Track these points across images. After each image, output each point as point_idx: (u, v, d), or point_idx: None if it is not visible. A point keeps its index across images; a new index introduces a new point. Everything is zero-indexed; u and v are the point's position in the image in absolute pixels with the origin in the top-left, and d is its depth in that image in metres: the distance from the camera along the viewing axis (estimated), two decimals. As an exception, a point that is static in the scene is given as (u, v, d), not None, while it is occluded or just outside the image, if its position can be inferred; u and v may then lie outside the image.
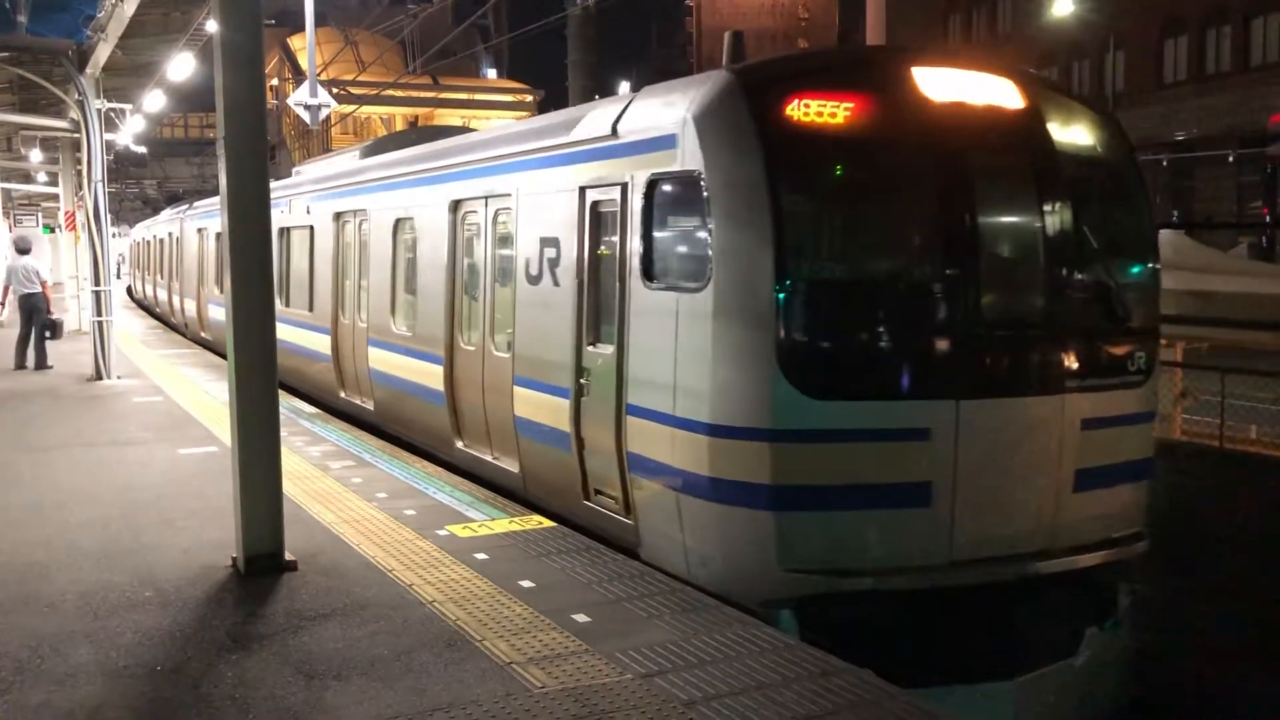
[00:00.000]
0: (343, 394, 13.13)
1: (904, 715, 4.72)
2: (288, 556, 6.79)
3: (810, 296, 6.37)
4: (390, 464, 9.98)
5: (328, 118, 27.40)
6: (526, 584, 6.47)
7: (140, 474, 9.55)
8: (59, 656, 5.36)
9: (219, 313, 19.34)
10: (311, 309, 14.11)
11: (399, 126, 45.60)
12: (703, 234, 6.47)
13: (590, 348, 7.61)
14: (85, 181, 16.48)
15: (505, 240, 9.02)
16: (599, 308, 7.60)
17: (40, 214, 41.60)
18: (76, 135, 17.52)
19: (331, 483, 9.17)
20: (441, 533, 7.59)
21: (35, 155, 26.56)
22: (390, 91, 37.67)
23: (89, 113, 16.25)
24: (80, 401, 14.16)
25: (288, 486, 7.34)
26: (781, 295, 6.14)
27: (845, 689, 4.98)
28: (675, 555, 6.71)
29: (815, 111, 6.29)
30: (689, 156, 6.50)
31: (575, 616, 5.91)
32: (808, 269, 6.40)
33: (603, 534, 7.46)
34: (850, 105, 6.35)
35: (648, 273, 6.89)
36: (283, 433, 6.99)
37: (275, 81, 47.60)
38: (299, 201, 14.99)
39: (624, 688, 4.99)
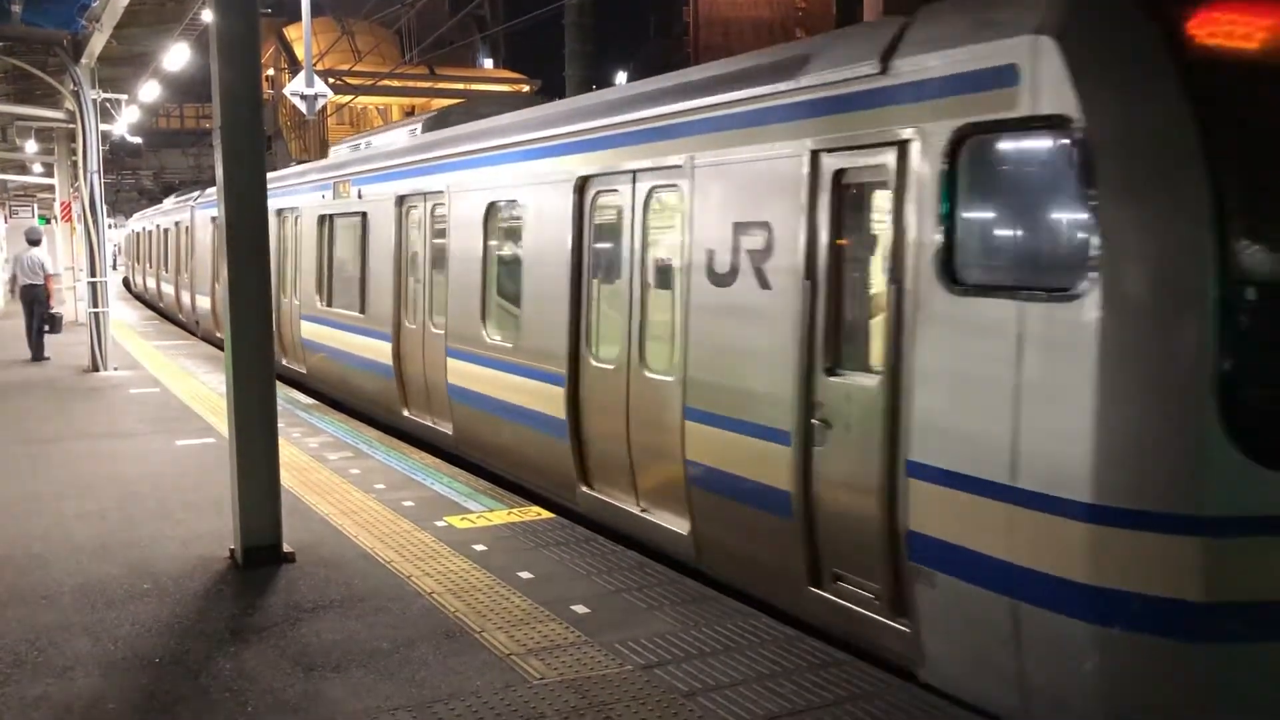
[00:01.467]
0: (407, 412, 11.19)
1: (904, 706, 4.71)
2: (286, 548, 6.78)
3: (1271, 310, 4.36)
4: (388, 455, 9.96)
5: (324, 108, 27.32)
6: (525, 575, 6.46)
7: (138, 466, 9.53)
8: (57, 649, 5.34)
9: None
10: (364, 310, 12.28)
11: (395, 117, 45.46)
12: (1071, 213, 4.50)
13: (832, 377, 5.53)
14: (81, 172, 16.45)
15: (668, 228, 7.17)
16: (844, 320, 5.60)
17: (36, 205, 41.50)
18: (72, 126, 17.50)
19: (329, 474, 9.16)
20: (440, 524, 7.58)
21: (30, 146, 26.46)
22: (387, 82, 37.53)
23: (84, 103, 16.20)
24: (77, 393, 14.13)
25: (286, 478, 7.32)
26: (1225, 308, 4.13)
27: (845, 680, 4.97)
28: (997, 687, 4.69)
29: (1245, 32, 4.40)
30: (1046, 96, 4.46)
31: (574, 607, 5.90)
32: (1265, 267, 4.39)
33: (839, 634, 5.56)
34: None
35: (951, 272, 4.82)
36: (280, 424, 6.98)
37: (271, 71, 47.43)
38: (348, 184, 13.00)
39: (624, 679, 4.98)
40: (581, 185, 7.82)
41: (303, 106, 22.03)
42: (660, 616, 5.78)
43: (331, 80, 29.35)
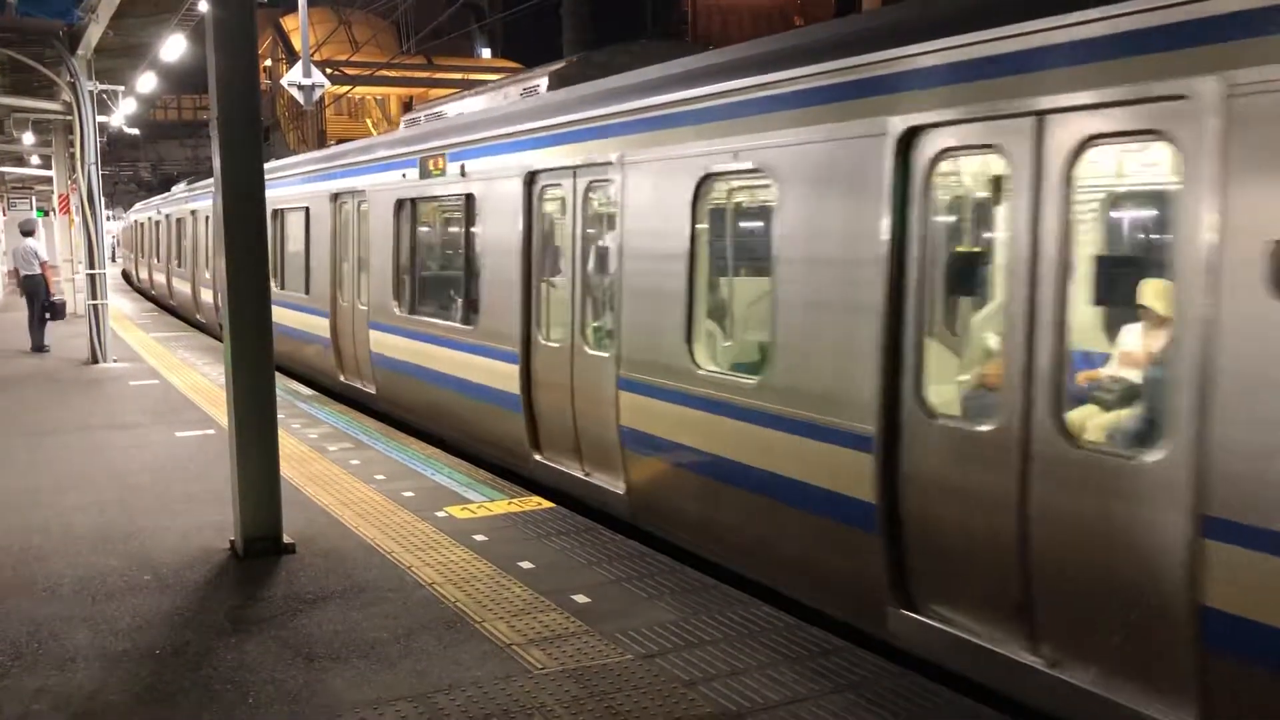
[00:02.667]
0: (540, 457, 8.56)
1: (904, 693, 4.71)
2: (286, 539, 6.78)
3: None
4: (388, 446, 9.96)
5: (322, 99, 27.26)
6: (526, 565, 6.45)
7: (137, 457, 9.52)
8: (57, 641, 5.34)
9: (284, 317, 13.61)
10: (473, 320, 9.56)
11: (394, 107, 45.37)
12: None
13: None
14: (79, 164, 16.40)
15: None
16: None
17: (34, 197, 41.43)
18: (69, 118, 17.46)
19: (329, 465, 9.15)
20: (440, 514, 7.57)
21: (28, 138, 26.39)
22: (384, 72, 37.43)
23: (81, 95, 16.15)
24: (76, 385, 14.12)
25: (285, 469, 7.32)
26: None
27: (845, 668, 4.97)
28: None
29: None
30: None
31: (575, 597, 5.90)
32: None
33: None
34: None
35: None
36: (280, 415, 6.97)
37: (269, 62, 47.31)
38: (442, 159, 10.21)
39: (625, 668, 4.98)
40: (910, 141, 5.08)
41: (300, 97, 21.97)
42: (661, 606, 5.78)
43: (329, 71, 29.28)
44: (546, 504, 7.84)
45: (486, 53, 54.27)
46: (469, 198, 9.68)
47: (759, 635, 5.37)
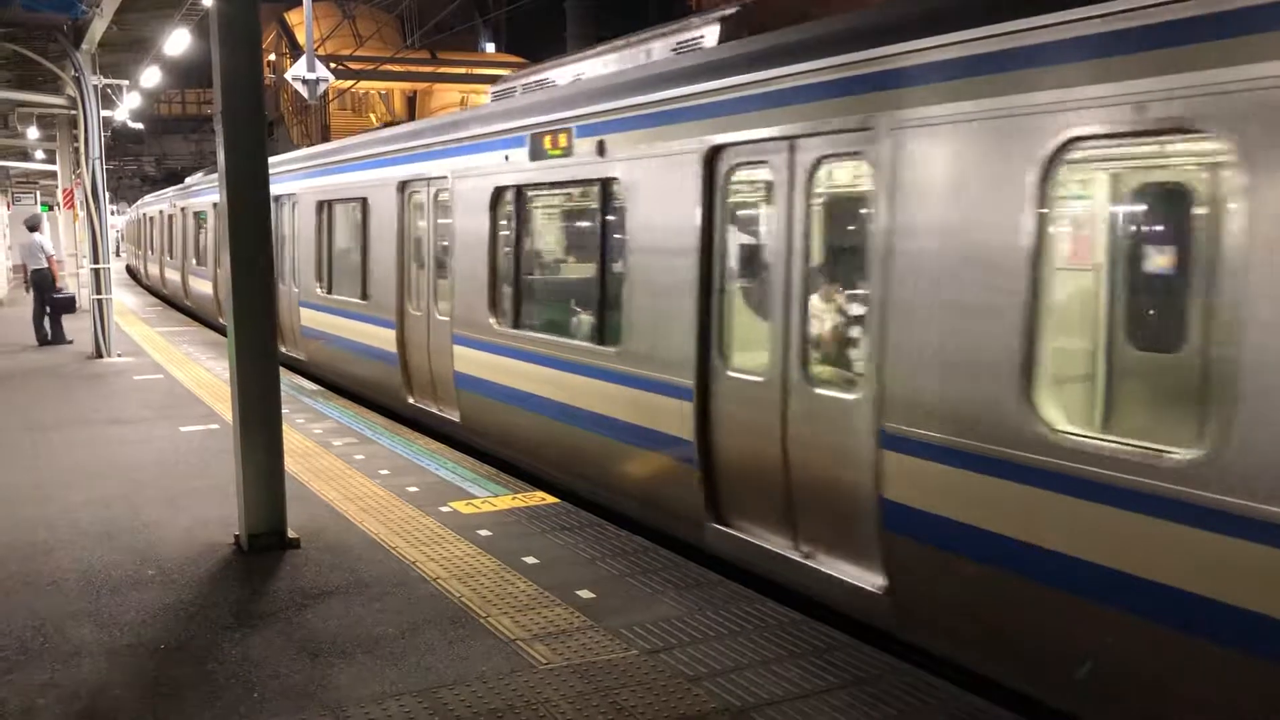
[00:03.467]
0: (723, 527, 6.66)
1: (907, 690, 4.71)
2: (290, 534, 6.79)
3: None
4: (392, 441, 9.96)
5: (326, 93, 27.24)
6: (530, 560, 6.45)
7: (142, 452, 9.53)
8: (62, 636, 5.35)
9: (321, 321, 13.61)
10: (614, 339, 7.60)
11: (397, 102, 45.38)
12: None
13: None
14: (83, 159, 16.40)
15: None
16: None
17: (39, 192, 41.45)
18: (73, 112, 17.43)
19: (334, 460, 9.16)
20: (444, 509, 7.58)
21: (32, 133, 26.40)
22: (389, 66, 37.42)
23: (85, 89, 16.14)
24: (81, 379, 14.14)
25: (290, 464, 7.32)
26: None
27: (849, 664, 4.98)
28: None
29: None
30: None
31: (579, 592, 5.90)
32: None
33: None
34: None
35: None
36: (284, 410, 6.98)
37: (273, 57, 47.30)
38: (565, 135, 8.13)
39: (629, 663, 4.98)
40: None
41: (304, 91, 21.95)
42: (665, 601, 5.78)
43: (333, 65, 29.28)
44: (550, 499, 7.84)
45: (490, 47, 54.22)
46: (607, 183, 7.70)
47: (763, 631, 5.37)
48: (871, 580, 5.51)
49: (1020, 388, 4.61)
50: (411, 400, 11.10)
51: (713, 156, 6.60)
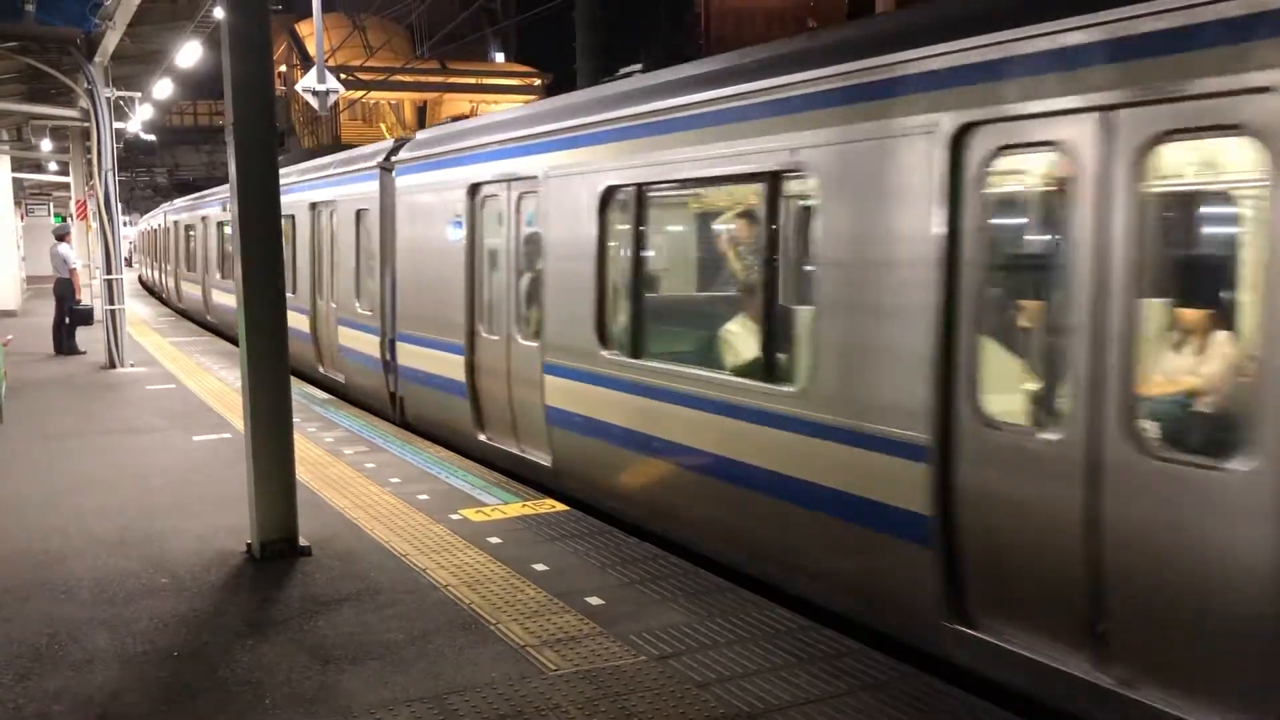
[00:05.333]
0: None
1: (917, 695, 4.72)
2: (302, 542, 6.82)
3: None
4: (403, 449, 10.00)
5: (336, 104, 27.37)
6: (540, 567, 6.48)
7: (155, 461, 9.59)
8: (76, 643, 5.39)
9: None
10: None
11: (408, 112, 45.57)
12: None
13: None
14: (96, 170, 16.52)
15: None
16: None
17: (52, 203, 41.71)
18: (86, 124, 17.58)
19: (344, 468, 9.20)
20: (455, 517, 7.60)
21: (46, 145, 26.60)
22: (399, 77, 37.58)
23: (98, 101, 16.27)
24: (94, 389, 14.23)
25: (301, 473, 7.36)
26: None
27: (859, 670, 4.98)
28: None
29: None
30: None
31: (589, 599, 5.92)
32: None
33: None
34: None
35: None
36: (296, 419, 7.01)
37: (283, 68, 47.54)
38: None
39: (638, 670, 5.00)
40: None
41: (315, 103, 22.07)
42: (674, 608, 5.79)
43: (343, 76, 29.41)
44: (560, 506, 7.86)
45: (500, 57, 54.38)
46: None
47: (772, 637, 5.38)
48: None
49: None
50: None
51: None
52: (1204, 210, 4.98)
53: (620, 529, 7.34)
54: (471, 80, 46.96)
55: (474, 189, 9.76)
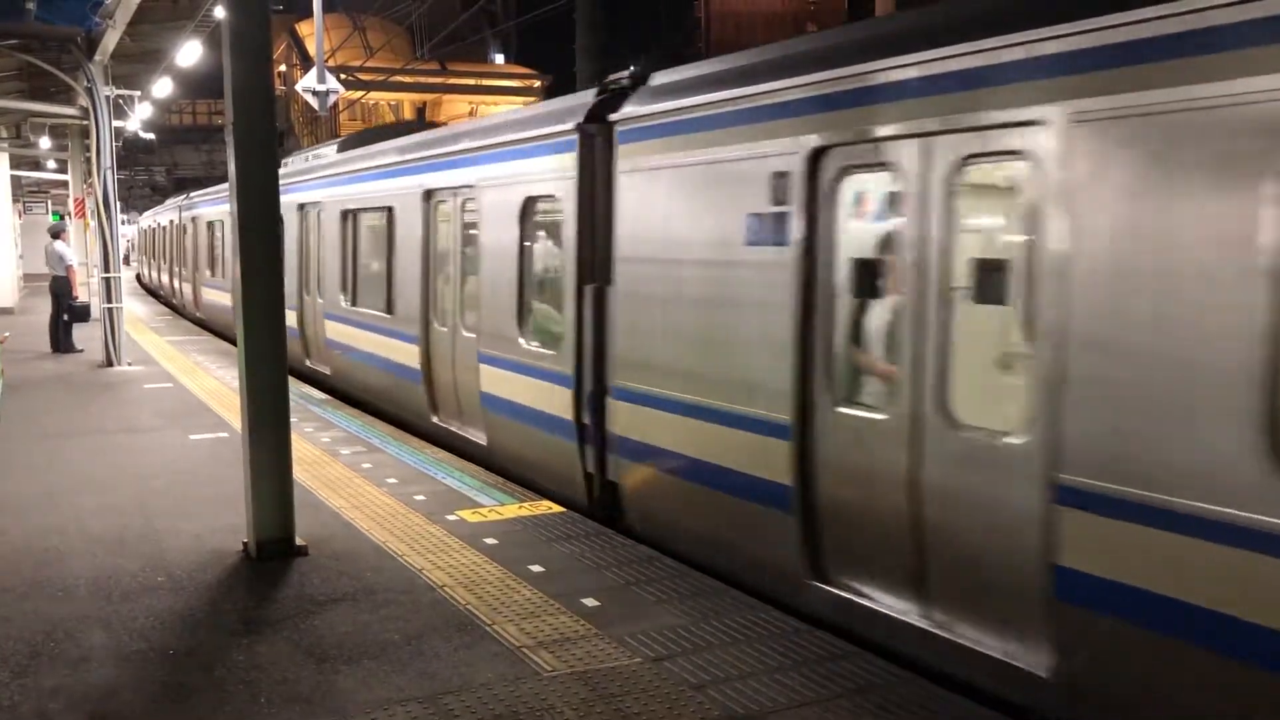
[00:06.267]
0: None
1: (911, 699, 4.73)
2: (298, 541, 6.83)
3: None
4: (400, 449, 10.01)
5: (336, 104, 27.39)
6: (536, 568, 6.49)
7: (152, 460, 9.60)
8: (72, 641, 5.40)
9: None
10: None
11: (407, 112, 45.60)
12: None
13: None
14: (94, 168, 16.53)
15: None
16: None
17: (50, 201, 41.70)
18: (85, 122, 17.59)
19: (341, 468, 9.21)
20: (451, 518, 7.62)
21: (44, 142, 26.61)
22: (399, 78, 37.61)
23: (98, 100, 16.28)
24: (92, 388, 14.23)
25: (298, 472, 7.37)
26: None
27: (853, 673, 5.00)
28: None
29: None
30: None
31: (585, 600, 5.93)
32: None
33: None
34: None
35: None
36: (293, 419, 7.02)
37: (283, 68, 47.56)
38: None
39: (634, 671, 5.01)
40: None
41: (315, 103, 22.08)
42: (670, 609, 5.81)
43: (343, 76, 29.42)
44: (557, 508, 7.88)
45: (500, 58, 54.41)
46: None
47: (767, 640, 5.39)
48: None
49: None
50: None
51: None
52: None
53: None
54: (471, 81, 47.04)
55: (817, 156, 5.80)
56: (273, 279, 6.71)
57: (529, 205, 8.84)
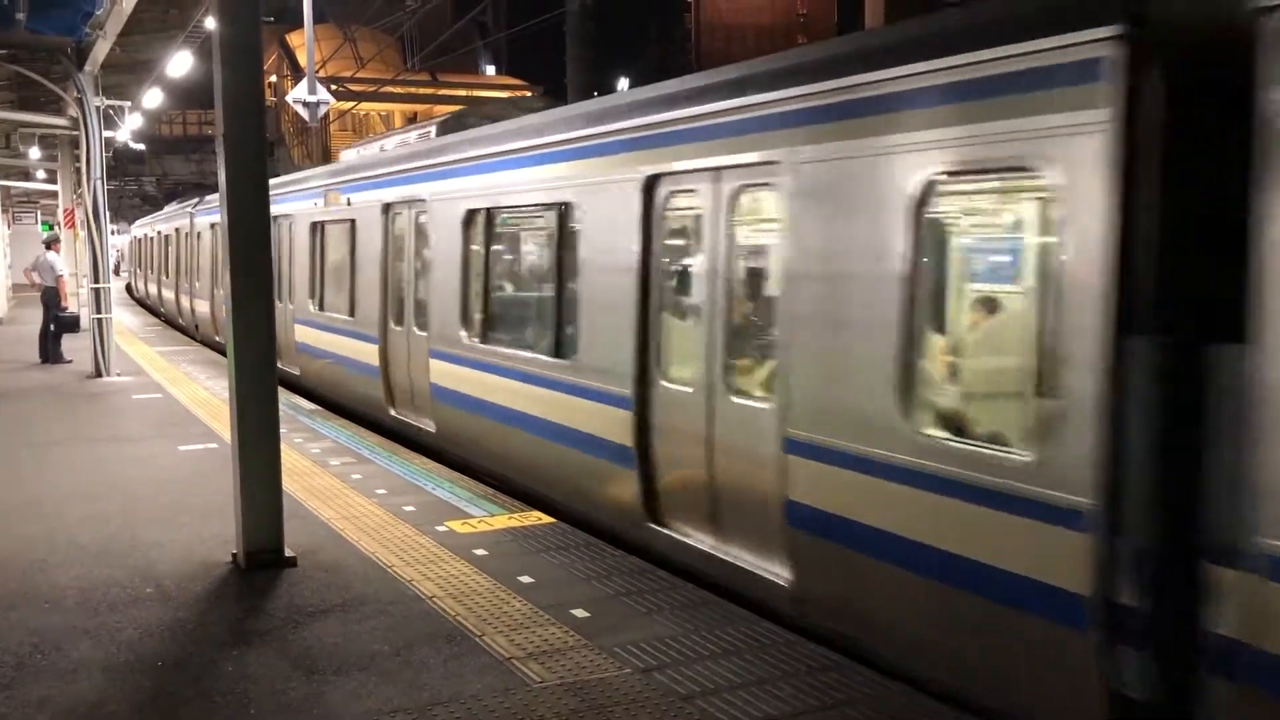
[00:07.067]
0: None
1: (901, 711, 4.74)
2: (288, 552, 6.82)
3: None
4: (389, 460, 10.00)
5: (326, 115, 27.41)
6: (526, 579, 6.49)
7: (141, 470, 9.57)
8: (60, 652, 5.38)
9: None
10: None
11: (398, 123, 45.60)
12: None
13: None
14: (84, 179, 16.51)
15: None
16: None
17: (39, 211, 41.57)
18: (75, 133, 17.54)
19: (331, 479, 9.19)
20: (441, 529, 7.61)
21: (34, 153, 26.52)
22: (389, 88, 37.65)
23: (88, 110, 16.26)
24: (80, 398, 14.18)
25: (287, 483, 7.36)
26: None
27: (843, 684, 5.00)
28: None
29: None
30: None
31: (574, 612, 5.93)
32: None
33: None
34: None
35: None
36: (282, 429, 7.01)
37: (274, 78, 47.59)
38: None
39: (623, 682, 5.01)
40: None
41: (305, 113, 22.10)
42: (660, 620, 5.81)
43: (334, 87, 29.46)
44: (546, 519, 7.88)
45: (491, 69, 54.51)
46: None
47: (756, 651, 5.39)
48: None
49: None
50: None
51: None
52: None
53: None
54: (462, 92, 47.09)
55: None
56: (262, 287, 6.71)
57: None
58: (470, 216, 9.90)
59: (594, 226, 7.93)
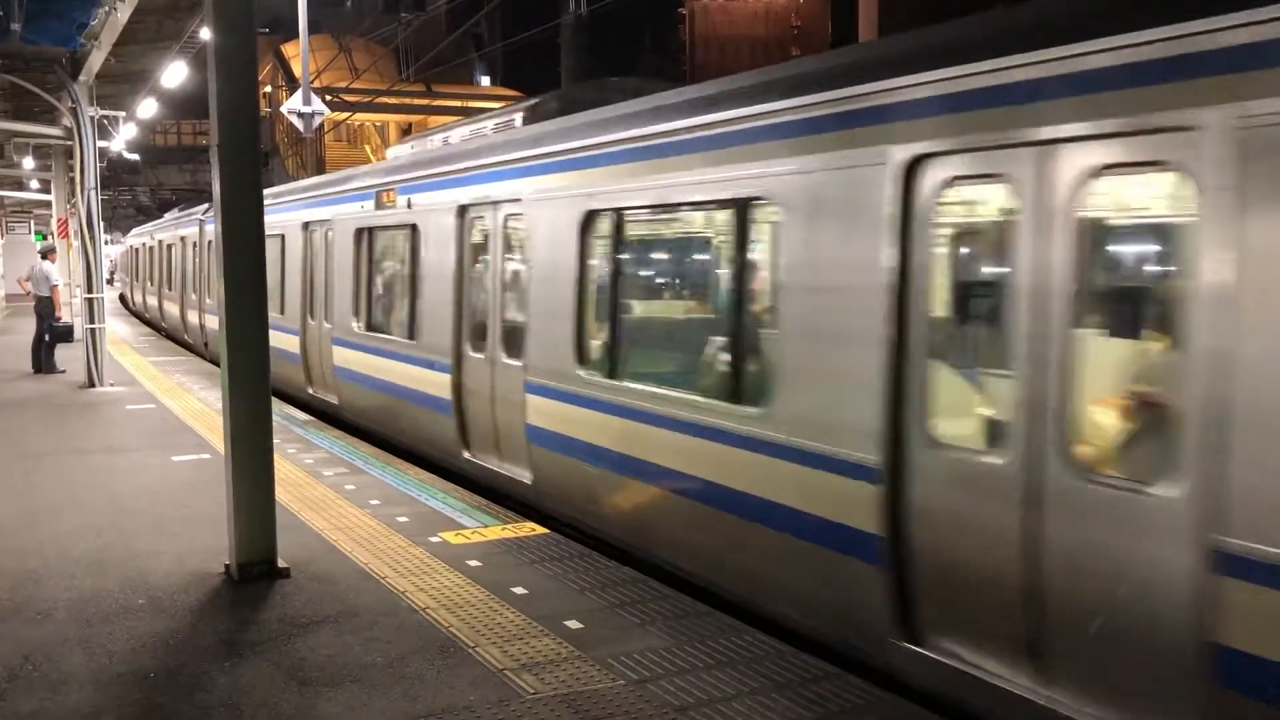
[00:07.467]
0: None
1: (896, 719, 4.74)
2: (281, 564, 6.80)
3: None
4: (383, 471, 9.98)
5: (321, 125, 27.41)
6: (519, 591, 6.48)
7: (133, 481, 9.54)
8: (52, 664, 5.36)
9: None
10: None
11: (393, 134, 45.64)
12: None
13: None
14: (78, 189, 16.50)
15: None
16: None
17: (33, 221, 41.53)
18: (69, 143, 17.59)
19: (324, 490, 9.18)
20: (434, 540, 7.60)
21: (28, 163, 26.53)
22: (384, 99, 37.68)
23: (82, 120, 16.26)
24: (73, 409, 14.15)
25: (281, 494, 7.35)
26: None
27: (837, 694, 5.00)
28: None
29: None
30: None
31: (568, 623, 5.92)
32: None
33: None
34: None
35: None
36: (276, 440, 7.00)
37: (269, 89, 47.60)
38: None
39: (616, 693, 5.00)
40: None
41: (300, 124, 22.11)
42: (653, 632, 5.80)
43: (329, 98, 29.48)
44: (540, 530, 7.87)
45: (486, 80, 54.58)
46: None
47: (751, 662, 5.39)
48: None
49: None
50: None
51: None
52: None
53: None
54: (457, 103, 47.12)
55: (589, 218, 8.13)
56: (256, 297, 6.71)
57: None
58: (590, 219, 7.87)
59: (807, 227, 5.78)
